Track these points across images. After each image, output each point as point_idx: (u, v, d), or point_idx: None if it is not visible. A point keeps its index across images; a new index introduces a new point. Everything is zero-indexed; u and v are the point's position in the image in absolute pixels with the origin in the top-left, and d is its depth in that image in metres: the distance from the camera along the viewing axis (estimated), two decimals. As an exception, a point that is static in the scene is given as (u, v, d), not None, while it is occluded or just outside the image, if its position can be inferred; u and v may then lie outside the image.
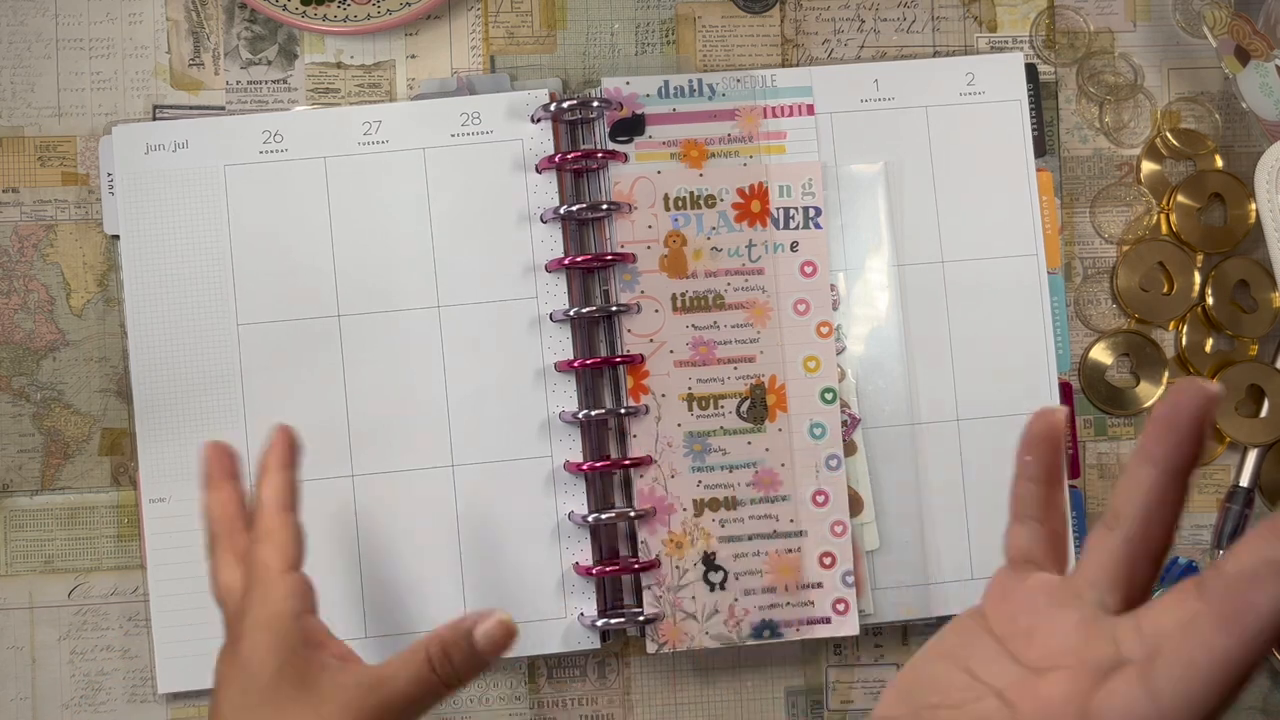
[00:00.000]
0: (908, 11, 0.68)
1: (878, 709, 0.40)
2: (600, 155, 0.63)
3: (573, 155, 0.63)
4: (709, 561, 0.62)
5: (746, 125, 0.64)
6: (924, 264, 0.65)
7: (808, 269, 0.64)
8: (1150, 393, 0.67)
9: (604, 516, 0.62)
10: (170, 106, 0.66)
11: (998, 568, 0.41)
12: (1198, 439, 0.35)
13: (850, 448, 0.64)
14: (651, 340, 0.63)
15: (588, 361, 0.62)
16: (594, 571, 0.62)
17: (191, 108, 0.66)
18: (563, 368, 0.63)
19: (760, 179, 0.64)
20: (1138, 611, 0.35)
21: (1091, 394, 0.67)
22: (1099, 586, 0.37)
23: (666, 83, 0.64)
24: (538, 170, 0.64)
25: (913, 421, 0.64)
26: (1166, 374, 0.67)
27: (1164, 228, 0.68)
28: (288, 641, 0.48)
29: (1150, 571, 0.37)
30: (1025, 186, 0.66)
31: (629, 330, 0.63)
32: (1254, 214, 0.67)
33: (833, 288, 0.64)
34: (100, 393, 0.64)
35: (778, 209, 0.64)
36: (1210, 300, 0.67)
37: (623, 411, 0.62)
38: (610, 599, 0.63)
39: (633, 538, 0.63)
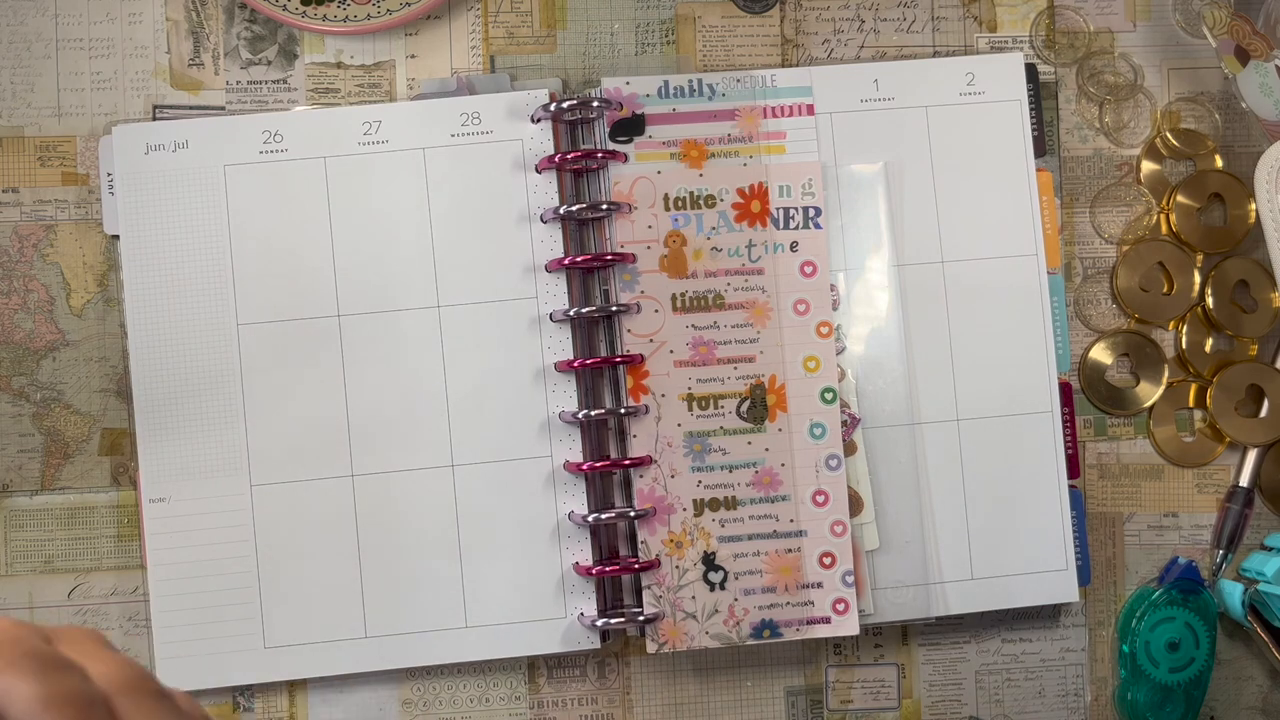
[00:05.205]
0: (908, 11, 0.68)
1: None
2: (600, 155, 0.63)
3: (573, 155, 0.63)
4: (709, 561, 0.62)
5: (746, 125, 0.64)
6: (924, 264, 0.65)
7: (808, 269, 0.64)
8: (1150, 393, 0.67)
9: (604, 516, 0.62)
10: (170, 106, 0.66)
11: None
12: None
13: (850, 448, 0.64)
14: (651, 340, 0.63)
15: (588, 361, 0.62)
16: (594, 571, 0.62)
17: (191, 108, 0.66)
18: (563, 368, 0.63)
19: (760, 179, 0.64)
20: None
21: (1091, 394, 0.67)
22: None
23: (666, 83, 0.64)
24: (538, 170, 0.64)
25: (913, 421, 0.64)
26: (1166, 374, 0.67)
27: (1164, 228, 0.68)
28: None
29: None
30: (1025, 186, 0.66)
31: (629, 330, 0.63)
32: (1254, 214, 0.67)
33: (833, 288, 0.64)
34: (100, 393, 0.64)
35: (778, 209, 0.64)
36: (1210, 300, 0.67)
37: (623, 411, 0.62)
38: (610, 599, 0.63)
39: (633, 538, 0.63)
